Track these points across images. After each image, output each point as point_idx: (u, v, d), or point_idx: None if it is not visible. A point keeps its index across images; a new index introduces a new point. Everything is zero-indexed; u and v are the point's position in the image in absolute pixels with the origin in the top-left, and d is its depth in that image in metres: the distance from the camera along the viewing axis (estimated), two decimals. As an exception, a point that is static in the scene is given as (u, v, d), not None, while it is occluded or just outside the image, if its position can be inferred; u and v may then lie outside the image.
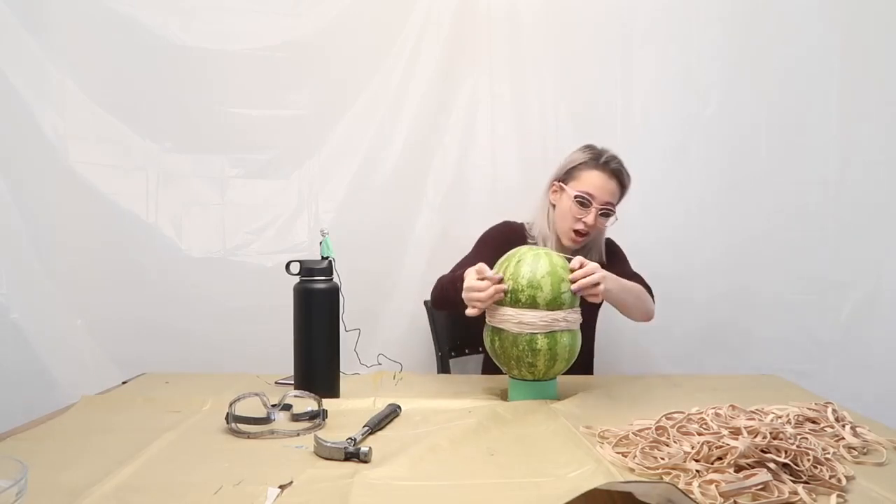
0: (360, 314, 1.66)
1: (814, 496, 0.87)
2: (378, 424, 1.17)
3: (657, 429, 1.07)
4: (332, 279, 1.44)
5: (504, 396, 1.44)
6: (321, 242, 1.46)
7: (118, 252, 1.96)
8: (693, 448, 0.96)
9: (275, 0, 2.02)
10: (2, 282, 1.75)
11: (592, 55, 2.14)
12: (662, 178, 2.14)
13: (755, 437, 0.97)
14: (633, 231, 1.82)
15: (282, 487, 0.89)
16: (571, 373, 1.51)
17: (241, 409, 1.17)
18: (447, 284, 1.59)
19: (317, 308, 1.41)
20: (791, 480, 0.90)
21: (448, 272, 1.66)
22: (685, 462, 0.94)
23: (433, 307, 1.84)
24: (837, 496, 0.88)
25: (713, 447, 0.96)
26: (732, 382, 1.63)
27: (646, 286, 1.65)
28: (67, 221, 1.92)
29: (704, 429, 1.05)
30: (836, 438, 1.10)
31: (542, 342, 1.33)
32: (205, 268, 1.99)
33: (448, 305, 1.58)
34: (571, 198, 1.66)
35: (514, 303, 1.35)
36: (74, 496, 0.85)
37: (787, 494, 0.86)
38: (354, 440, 1.05)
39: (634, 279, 1.63)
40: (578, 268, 1.36)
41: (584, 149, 1.71)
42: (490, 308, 1.38)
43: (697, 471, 0.91)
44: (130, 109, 1.97)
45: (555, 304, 1.34)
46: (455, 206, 2.12)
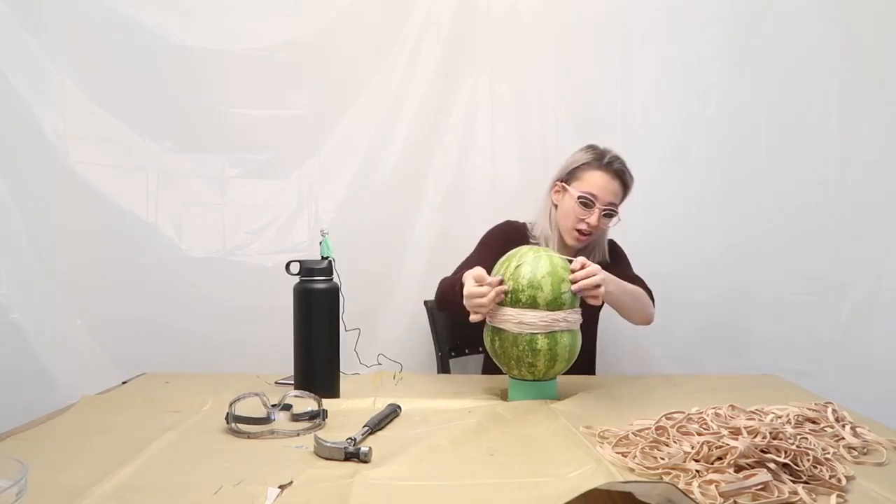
0: (360, 314, 1.66)
1: (814, 496, 0.87)
2: (378, 424, 1.17)
3: (657, 429, 1.07)
4: (332, 279, 1.44)
5: (504, 396, 1.44)
6: (321, 242, 1.46)
7: (118, 252, 1.96)
8: (693, 448, 0.96)
9: (275, 0, 2.02)
10: (2, 282, 1.74)
11: (592, 55, 2.14)
12: (662, 178, 2.13)
13: (755, 437, 0.97)
14: (634, 231, 1.82)
15: (282, 487, 0.89)
16: (573, 373, 1.51)
17: (241, 409, 1.17)
18: (447, 289, 1.59)
19: (317, 308, 1.41)
20: (791, 480, 0.90)
21: (451, 273, 1.66)
22: (685, 462, 0.94)
23: (437, 310, 1.84)
24: (837, 496, 0.88)
25: (713, 447, 0.96)
26: (732, 382, 1.63)
27: (647, 289, 1.65)
28: (67, 221, 1.92)
29: (704, 429, 1.05)
30: (836, 438, 1.10)
31: (543, 342, 1.33)
32: (205, 268, 1.99)
33: (451, 308, 1.58)
34: (574, 198, 1.65)
35: (515, 303, 1.35)
36: (74, 496, 0.85)
37: (787, 494, 0.86)
38: (354, 440, 1.05)
39: (636, 282, 1.63)
40: (580, 268, 1.36)
41: (587, 149, 1.71)
42: (490, 308, 1.38)
43: (697, 471, 0.91)
44: (130, 109, 1.97)
45: (555, 305, 1.34)
46: (455, 206, 2.12)
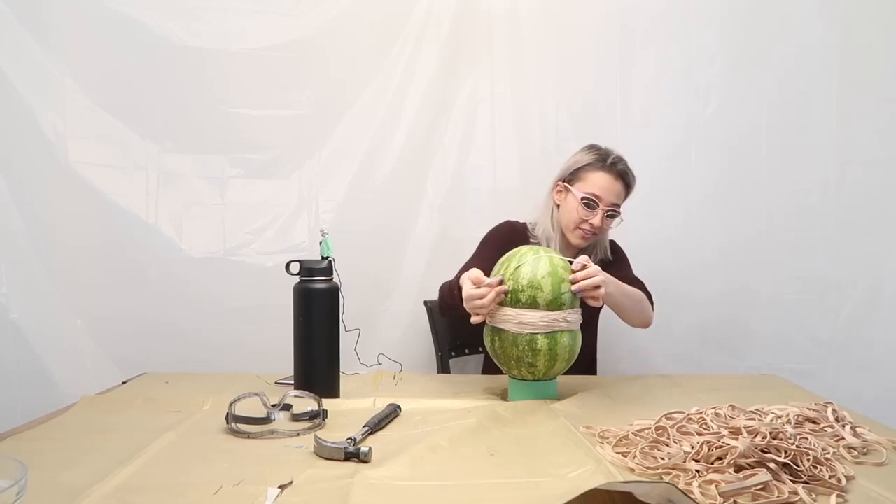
0: (360, 314, 1.66)
1: (814, 496, 0.87)
2: (378, 424, 1.17)
3: (657, 429, 1.07)
4: (332, 279, 1.44)
5: (504, 396, 1.44)
6: (321, 242, 1.46)
7: (118, 252, 1.96)
8: (693, 448, 0.96)
9: (275, 0, 2.02)
10: (2, 282, 1.74)
11: (592, 55, 2.14)
12: (662, 178, 2.13)
13: (755, 437, 0.97)
14: (633, 230, 1.82)
15: (282, 487, 0.89)
16: (573, 373, 1.51)
17: (241, 409, 1.17)
18: (446, 294, 1.60)
19: (317, 308, 1.41)
20: (791, 480, 0.90)
21: (453, 277, 1.65)
22: (685, 462, 0.94)
23: (440, 315, 1.84)
24: (837, 496, 0.88)
25: (713, 447, 0.96)
26: (732, 382, 1.63)
27: (646, 292, 1.65)
28: (67, 221, 1.92)
29: (704, 429, 1.05)
30: (836, 438, 1.10)
31: (543, 342, 1.33)
32: (205, 268, 1.99)
33: (452, 313, 1.58)
34: (578, 199, 1.65)
35: (515, 303, 1.35)
36: (74, 496, 0.85)
37: (787, 494, 0.86)
38: (354, 440, 1.05)
39: (635, 284, 1.63)
40: (580, 269, 1.36)
41: (589, 149, 1.70)
42: (491, 309, 1.38)
43: (697, 471, 0.91)
44: (130, 109, 1.97)
45: (555, 305, 1.34)
46: (455, 206, 2.12)
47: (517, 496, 0.89)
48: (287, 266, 1.42)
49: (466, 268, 1.61)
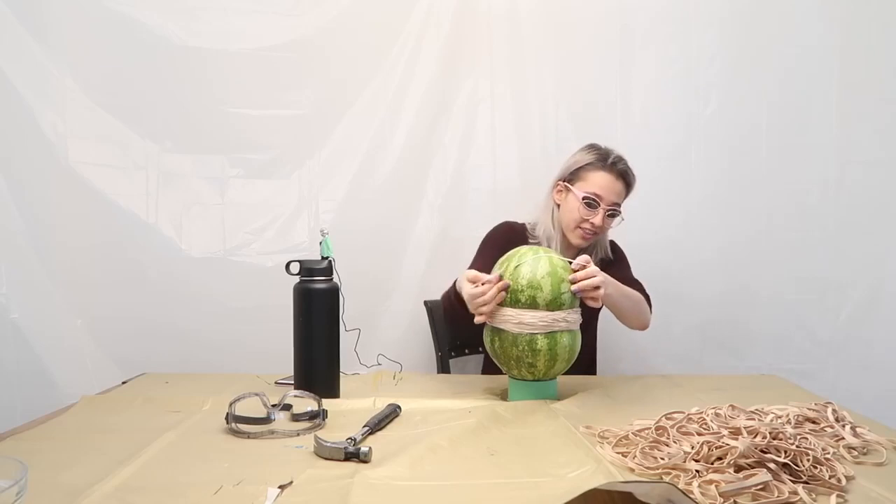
0: (360, 314, 1.66)
1: (814, 496, 0.87)
2: (378, 424, 1.17)
3: (657, 429, 1.07)
4: (332, 279, 1.44)
5: (504, 396, 1.44)
6: (321, 242, 1.46)
7: (118, 252, 1.96)
8: (693, 448, 0.96)
9: (275, 0, 2.02)
10: (2, 282, 1.75)
11: (592, 55, 2.15)
12: (662, 178, 2.13)
13: (755, 437, 0.97)
14: (633, 231, 1.82)
15: (282, 487, 0.89)
16: (573, 373, 1.51)
17: (241, 409, 1.17)
18: (446, 301, 1.60)
19: (317, 308, 1.41)
20: (791, 480, 0.90)
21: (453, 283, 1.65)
22: (685, 462, 0.94)
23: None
24: (837, 496, 0.88)
25: (713, 447, 0.96)
26: (732, 382, 1.63)
27: (645, 294, 1.65)
28: (67, 221, 1.92)
29: (704, 429, 1.05)
30: (836, 438, 1.10)
31: (542, 342, 1.33)
32: (205, 268, 1.99)
33: (457, 318, 1.56)
34: (578, 199, 1.65)
35: (514, 303, 1.35)
36: (74, 496, 0.85)
37: (787, 494, 0.86)
38: (354, 440, 1.05)
39: (634, 286, 1.63)
40: (580, 268, 1.36)
41: (590, 149, 1.70)
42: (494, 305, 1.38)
43: (697, 471, 0.91)
44: (130, 109, 1.97)
45: (555, 305, 1.34)
46: (455, 207, 2.12)
47: (517, 496, 0.89)
48: (287, 266, 1.42)
49: None
